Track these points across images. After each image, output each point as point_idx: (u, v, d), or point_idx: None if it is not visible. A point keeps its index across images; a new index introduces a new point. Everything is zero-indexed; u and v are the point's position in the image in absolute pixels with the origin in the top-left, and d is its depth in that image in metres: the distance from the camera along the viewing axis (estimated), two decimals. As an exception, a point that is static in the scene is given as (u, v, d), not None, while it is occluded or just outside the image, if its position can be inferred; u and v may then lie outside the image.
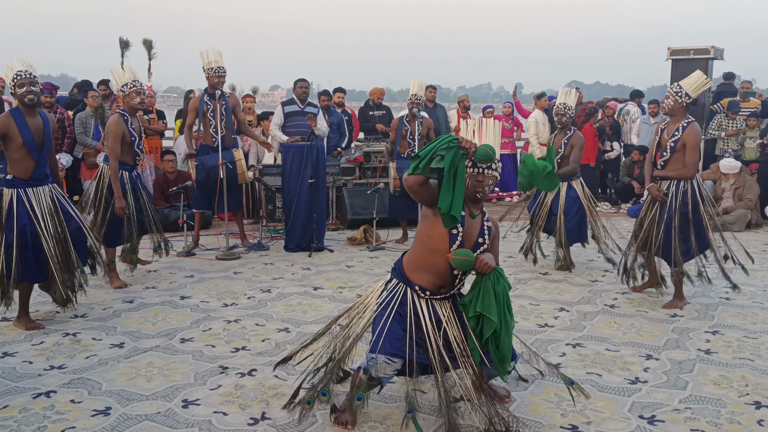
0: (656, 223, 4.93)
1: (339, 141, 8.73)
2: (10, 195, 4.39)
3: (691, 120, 4.84)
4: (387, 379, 3.08)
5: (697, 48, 9.30)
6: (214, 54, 6.54)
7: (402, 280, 3.13)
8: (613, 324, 4.67)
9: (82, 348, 4.14)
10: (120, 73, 5.68)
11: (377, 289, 3.24)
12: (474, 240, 3.03)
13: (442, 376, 2.99)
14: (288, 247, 6.95)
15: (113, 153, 5.38)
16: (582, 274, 6.06)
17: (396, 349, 2.99)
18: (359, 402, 3.09)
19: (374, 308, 3.14)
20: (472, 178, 2.98)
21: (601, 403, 3.42)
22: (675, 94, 4.83)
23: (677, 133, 4.81)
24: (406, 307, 3.07)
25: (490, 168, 2.98)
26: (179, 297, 5.26)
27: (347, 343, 3.15)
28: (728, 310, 5.01)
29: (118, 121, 5.41)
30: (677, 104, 4.82)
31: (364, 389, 3.07)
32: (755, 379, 3.73)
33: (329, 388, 3.15)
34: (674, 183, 4.89)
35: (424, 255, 3.06)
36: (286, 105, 7.74)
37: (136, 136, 5.51)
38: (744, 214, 8.28)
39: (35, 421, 3.18)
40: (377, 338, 3.02)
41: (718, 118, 9.48)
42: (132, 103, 5.52)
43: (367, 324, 3.15)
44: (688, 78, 4.89)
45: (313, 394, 3.14)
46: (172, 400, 3.42)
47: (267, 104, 44.76)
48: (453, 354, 3.02)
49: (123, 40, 8.96)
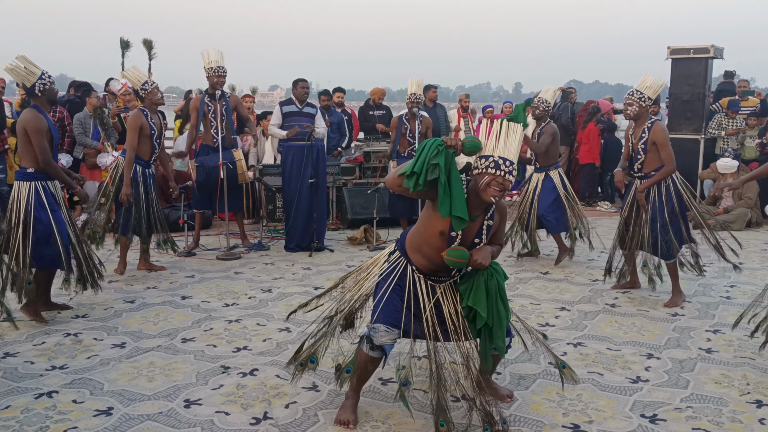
0: (644, 221, 5.01)
1: (339, 141, 8.73)
2: (30, 188, 4.50)
3: (654, 119, 5.00)
4: (390, 348, 3.09)
5: (696, 47, 9.30)
6: (216, 54, 6.55)
7: (403, 253, 3.17)
8: (614, 323, 4.67)
9: (83, 348, 4.15)
10: (134, 73, 5.94)
11: (382, 257, 3.29)
12: (470, 241, 3.04)
13: (435, 347, 3.06)
14: (288, 247, 6.95)
15: (130, 144, 5.68)
16: (583, 273, 6.06)
17: (394, 320, 3.03)
18: (347, 374, 3.20)
19: (376, 278, 3.20)
20: (491, 178, 2.88)
21: (602, 402, 3.42)
22: (639, 100, 4.97)
23: (644, 135, 4.97)
24: (405, 281, 3.13)
25: (511, 173, 2.90)
26: (180, 297, 5.26)
27: (347, 305, 3.28)
28: (729, 309, 5.01)
29: (138, 114, 5.73)
30: (642, 109, 4.99)
31: (353, 362, 3.16)
32: (756, 377, 3.73)
33: (317, 354, 3.30)
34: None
35: (421, 242, 3.09)
36: (284, 105, 7.73)
37: (155, 130, 5.80)
38: (744, 213, 8.29)
39: (37, 421, 3.18)
40: (377, 308, 3.08)
41: (717, 118, 9.48)
42: (154, 100, 5.85)
43: (368, 290, 3.24)
44: (643, 81, 5.02)
45: (307, 356, 3.31)
46: (174, 400, 3.42)
47: (266, 104, 44.72)
48: (445, 327, 3.10)
49: (124, 41, 8.96)
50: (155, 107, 5.90)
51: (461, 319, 3.10)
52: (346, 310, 3.30)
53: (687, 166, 9.02)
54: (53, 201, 4.57)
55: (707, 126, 9.43)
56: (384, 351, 3.08)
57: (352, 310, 3.31)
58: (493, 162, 2.89)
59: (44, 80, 4.51)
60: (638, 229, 5.06)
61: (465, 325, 3.10)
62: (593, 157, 9.91)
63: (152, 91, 5.83)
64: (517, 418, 3.23)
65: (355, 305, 3.29)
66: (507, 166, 2.89)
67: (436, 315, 3.11)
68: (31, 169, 4.51)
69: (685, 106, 9.38)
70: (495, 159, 2.89)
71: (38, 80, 4.49)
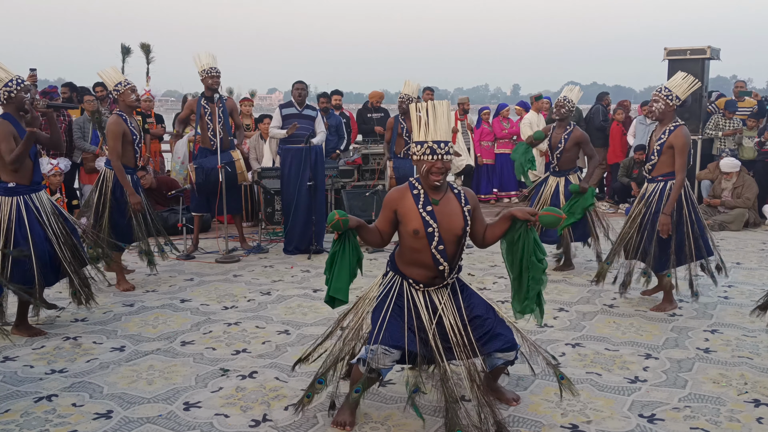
0: (645, 227, 4.83)
1: (337, 143, 8.75)
2: (12, 203, 4.33)
3: (680, 123, 4.75)
4: (386, 371, 3.10)
5: (693, 48, 9.32)
6: (207, 57, 6.58)
7: (397, 272, 3.17)
8: (612, 324, 4.68)
9: (82, 352, 4.15)
10: (110, 74, 5.59)
11: (376, 282, 3.29)
12: (459, 232, 3.06)
13: (444, 365, 3.01)
14: (287, 250, 6.96)
15: (114, 152, 5.36)
16: (581, 274, 6.07)
17: (394, 340, 3.01)
18: (357, 394, 3.11)
19: (374, 302, 3.18)
20: (430, 165, 2.98)
21: (600, 402, 3.43)
22: (666, 98, 4.70)
23: (663, 136, 4.71)
24: (403, 299, 3.11)
25: (448, 153, 2.99)
26: (179, 300, 5.26)
27: (349, 341, 3.21)
28: (727, 309, 5.03)
29: (117, 120, 5.38)
30: (668, 107, 4.71)
31: (364, 382, 3.09)
32: (754, 377, 3.75)
33: (326, 376, 3.20)
34: (660, 184, 4.79)
35: (406, 251, 3.12)
36: (284, 108, 7.75)
37: (137, 134, 5.50)
38: (742, 214, 8.30)
39: (37, 424, 3.19)
40: (375, 330, 3.05)
41: (715, 118, 9.50)
42: (128, 101, 5.47)
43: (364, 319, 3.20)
44: (674, 79, 4.80)
45: (312, 387, 3.20)
46: (173, 403, 3.43)
47: (265, 107, 44.74)
48: (449, 345, 3.06)
49: (125, 47, 9.00)
50: (130, 110, 5.53)
51: (463, 333, 3.07)
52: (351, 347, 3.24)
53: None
54: (34, 216, 4.36)
55: (704, 127, 9.45)
56: (381, 374, 3.09)
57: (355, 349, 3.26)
58: (428, 148, 2.98)
59: (9, 87, 4.30)
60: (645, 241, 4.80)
61: (468, 340, 3.06)
62: (617, 156, 10.25)
63: (125, 92, 5.43)
64: (515, 419, 3.24)
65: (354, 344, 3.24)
66: (442, 149, 2.98)
67: (439, 334, 3.06)
68: (12, 184, 4.34)
69: (682, 107, 9.38)
70: (429, 145, 2.97)
71: (3, 87, 4.29)
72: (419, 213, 3.02)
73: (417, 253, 3.06)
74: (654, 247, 4.78)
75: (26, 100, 4.37)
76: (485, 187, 10.49)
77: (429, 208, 3.03)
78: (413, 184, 3.10)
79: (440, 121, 2.98)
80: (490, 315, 3.16)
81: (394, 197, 3.10)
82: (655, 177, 4.83)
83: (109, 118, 5.54)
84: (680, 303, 5.10)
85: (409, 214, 3.04)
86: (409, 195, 3.08)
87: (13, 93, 4.33)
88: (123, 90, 5.46)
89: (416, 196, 3.06)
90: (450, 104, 3.10)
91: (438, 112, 2.98)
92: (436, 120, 2.97)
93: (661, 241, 4.76)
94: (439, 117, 2.97)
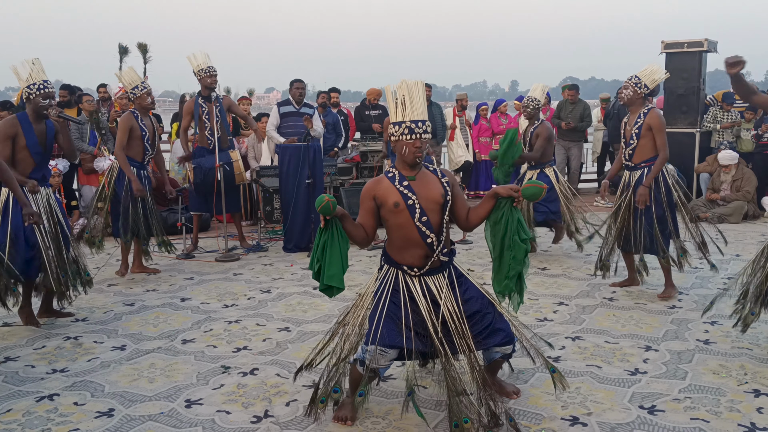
0: (634, 216, 4.98)
1: (336, 141, 8.74)
2: (6, 194, 4.39)
3: (651, 106, 4.97)
4: (384, 370, 3.11)
5: (690, 41, 9.31)
6: (202, 56, 6.59)
7: (391, 264, 3.16)
8: (612, 316, 4.69)
9: (83, 351, 4.16)
10: (129, 75, 5.99)
11: (372, 280, 3.29)
12: (440, 200, 3.06)
13: (447, 358, 3.01)
14: (287, 248, 6.97)
15: (119, 144, 5.72)
16: (580, 268, 6.08)
17: (390, 340, 3.01)
18: (361, 398, 3.11)
19: (371, 300, 3.18)
20: (410, 145, 3.00)
21: (601, 394, 3.44)
22: (634, 85, 4.92)
23: (639, 120, 4.92)
24: (399, 294, 3.09)
25: (426, 132, 3.01)
26: (180, 299, 5.27)
27: (351, 339, 3.20)
28: (726, 300, 5.02)
29: (128, 116, 5.80)
30: (636, 95, 4.93)
31: (365, 384, 3.09)
32: (754, 367, 3.76)
33: (341, 384, 3.20)
34: (643, 170, 4.97)
35: (396, 237, 3.11)
36: (282, 106, 7.76)
37: (146, 132, 5.82)
38: (741, 206, 8.31)
39: (39, 424, 3.20)
40: (372, 330, 3.05)
41: (713, 111, 9.50)
42: (144, 104, 5.88)
43: (364, 316, 3.19)
44: (645, 69, 5.00)
45: (326, 392, 3.18)
46: (175, 401, 3.44)
47: (262, 106, 44.60)
48: (450, 338, 3.06)
49: (122, 47, 9.00)
50: (145, 111, 5.92)
51: (461, 322, 3.06)
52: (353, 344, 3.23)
53: (683, 160, 9.05)
54: (18, 209, 4.30)
55: (702, 119, 9.45)
56: (378, 374, 3.09)
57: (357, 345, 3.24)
58: (406, 128, 2.99)
59: (30, 90, 4.45)
60: (635, 228, 4.98)
61: (466, 331, 3.06)
62: None
63: (141, 96, 5.86)
64: (516, 412, 3.24)
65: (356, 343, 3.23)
66: (420, 127, 3.00)
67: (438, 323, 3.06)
68: None
69: (680, 100, 9.39)
70: (407, 125, 2.99)
71: (25, 87, 4.48)
72: (397, 189, 3.04)
73: (402, 230, 3.05)
74: (654, 231, 4.93)
75: (43, 105, 4.46)
76: (484, 183, 10.48)
77: (405, 183, 3.05)
78: (387, 171, 3.15)
79: (416, 101, 2.99)
80: (490, 310, 3.16)
81: (371, 186, 3.12)
82: (637, 164, 5.00)
83: (123, 115, 5.92)
84: (680, 295, 5.11)
85: (387, 193, 3.05)
86: (384, 179, 3.11)
87: (32, 95, 4.44)
88: (140, 94, 5.91)
89: (391, 177, 3.09)
90: (425, 84, 3.11)
91: (414, 93, 3.00)
92: (413, 100, 2.99)
93: (660, 222, 4.93)
94: (414, 97, 2.99)
